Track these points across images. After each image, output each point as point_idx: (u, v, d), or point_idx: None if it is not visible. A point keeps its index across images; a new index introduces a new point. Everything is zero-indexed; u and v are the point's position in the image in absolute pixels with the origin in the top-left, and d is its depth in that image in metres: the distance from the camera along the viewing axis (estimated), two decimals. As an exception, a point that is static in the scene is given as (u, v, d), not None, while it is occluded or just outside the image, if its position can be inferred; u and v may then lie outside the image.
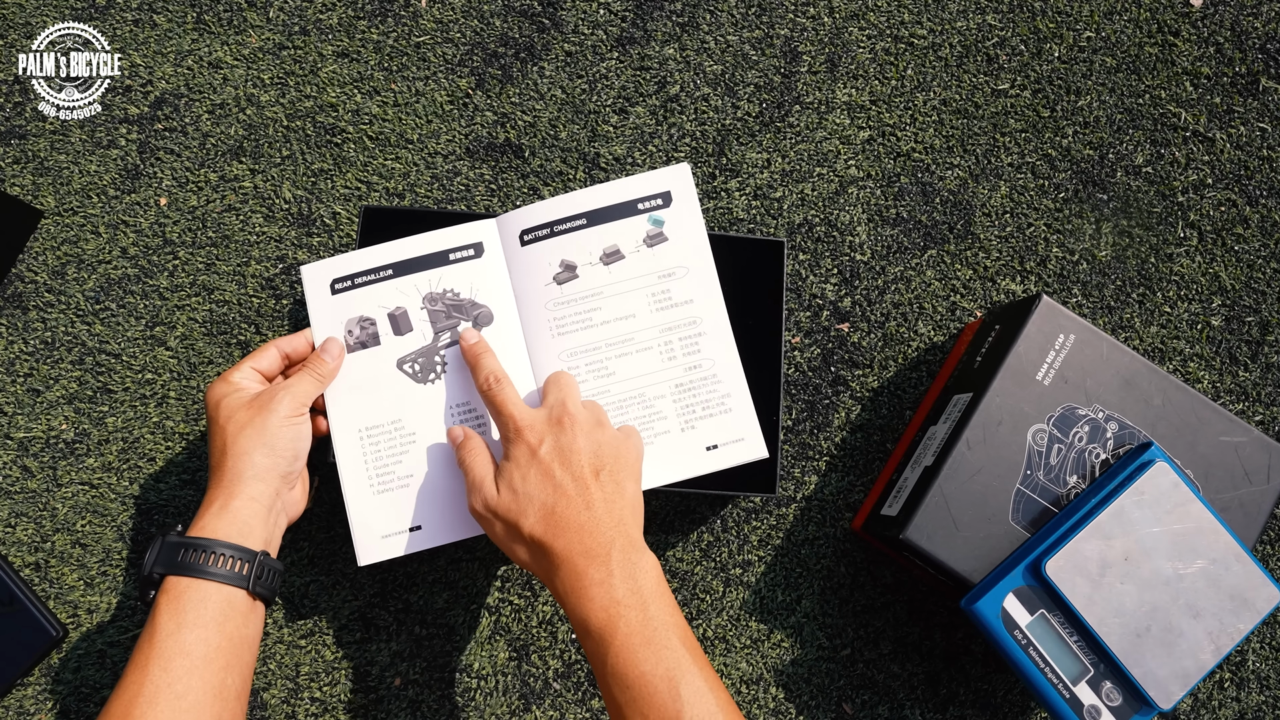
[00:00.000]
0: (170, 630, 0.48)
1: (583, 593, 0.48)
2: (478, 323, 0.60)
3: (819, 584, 0.68)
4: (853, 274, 0.72)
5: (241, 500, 0.52)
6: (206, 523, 0.51)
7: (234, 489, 0.52)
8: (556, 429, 0.52)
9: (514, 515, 0.51)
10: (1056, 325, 0.60)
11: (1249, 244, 0.74)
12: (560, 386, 0.55)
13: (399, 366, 0.59)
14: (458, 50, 0.75)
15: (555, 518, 0.50)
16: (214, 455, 0.54)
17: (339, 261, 0.60)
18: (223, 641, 0.49)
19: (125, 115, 0.73)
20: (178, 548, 0.50)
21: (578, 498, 0.50)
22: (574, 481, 0.50)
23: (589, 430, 0.52)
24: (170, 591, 0.50)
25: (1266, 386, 0.72)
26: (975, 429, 0.59)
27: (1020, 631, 0.55)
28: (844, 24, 0.76)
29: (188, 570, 0.50)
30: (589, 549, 0.49)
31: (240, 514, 0.52)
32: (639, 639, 0.47)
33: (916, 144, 0.74)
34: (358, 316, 0.60)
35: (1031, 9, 0.77)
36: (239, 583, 0.51)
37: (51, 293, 0.70)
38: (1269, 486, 0.59)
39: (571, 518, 0.50)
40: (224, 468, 0.53)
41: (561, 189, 0.73)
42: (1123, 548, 0.55)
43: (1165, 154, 0.75)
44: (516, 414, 0.53)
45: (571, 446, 0.51)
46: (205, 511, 0.52)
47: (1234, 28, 0.77)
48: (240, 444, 0.53)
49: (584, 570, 0.49)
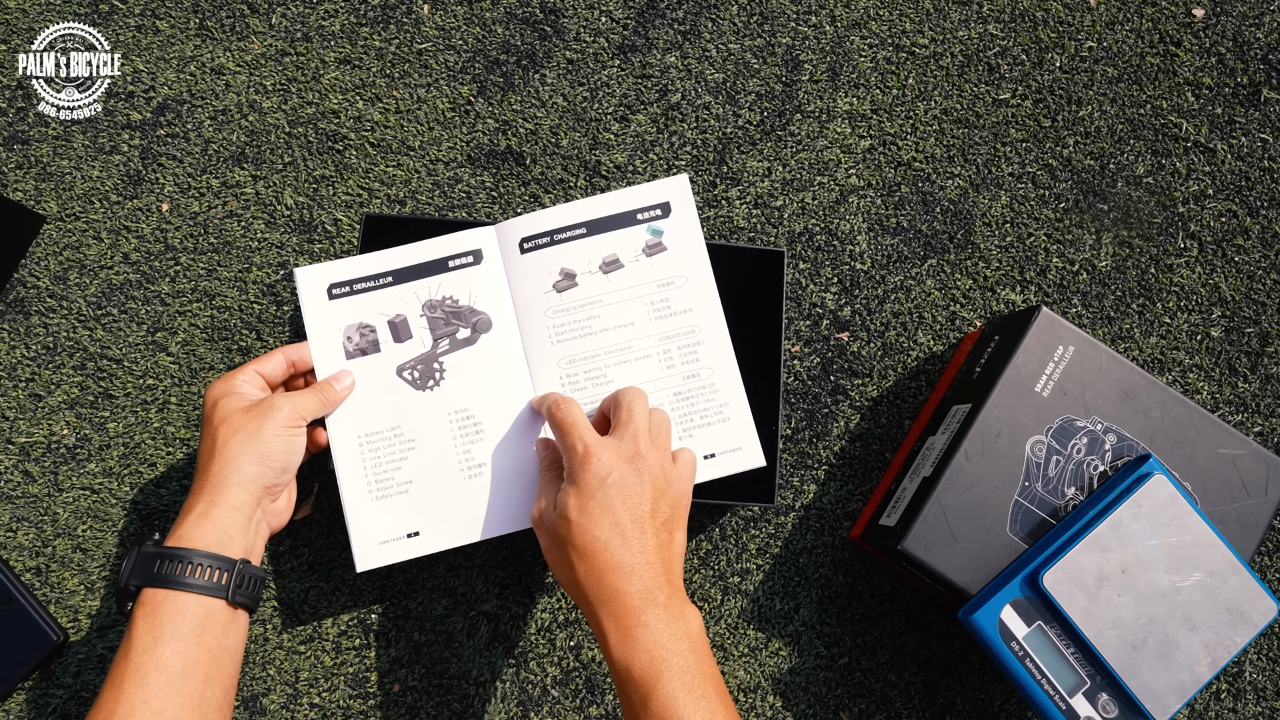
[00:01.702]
0: (146, 645, 0.48)
1: (627, 634, 0.48)
2: (476, 329, 0.60)
3: (817, 592, 0.68)
4: (853, 283, 0.73)
5: (222, 509, 0.52)
6: (185, 531, 0.51)
7: (216, 496, 0.52)
8: (627, 466, 0.51)
9: (565, 540, 0.51)
10: (1055, 337, 0.61)
11: (1249, 255, 0.74)
12: (633, 415, 0.54)
13: (398, 373, 0.60)
14: (460, 57, 0.75)
15: (607, 555, 0.49)
16: (202, 456, 0.54)
17: (336, 267, 0.60)
18: (201, 654, 0.49)
19: (128, 121, 0.73)
20: (154, 558, 0.50)
21: (634, 539, 0.50)
22: (633, 523, 0.50)
23: (656, 474, 0.52)
24: (147, 605, 0.49)
25: (1266, 398, 0.72)
26: (974, 440, 0.59)
27: (1017, 643, 0.55)
28: (846, 33, 0.76)
29: (164, 582, 0.49)
30: (637, 592, 0.49)
31: (220, 522, 0.51)
32: (680, 687, 0.47)
33: (917, 153, 0.74)
34: (357, 323, 0.60)
35: (1033, 19, 0.77)
36: (218, 593, 0.50)
37: (53, 298, 0.70)
38: (1267, 499, 0.59)
39: (623, 559, 0.49)
40: (209, 471, 0.52)
41: (562, 196, 0.73)
42: (1120, 560, 0.55)
43: (1166, 164, 0.75)
44: (587, 437, 0.52)
45: (639, 488, 0.51)
46: (184, 519, 0.52)
47: (1236, 38, 0.77)
48: (230, 449, 0.52)
49: (630, 614, 0.48)
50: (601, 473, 0.51)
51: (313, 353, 0.59)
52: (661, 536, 0.51)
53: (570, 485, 0.52)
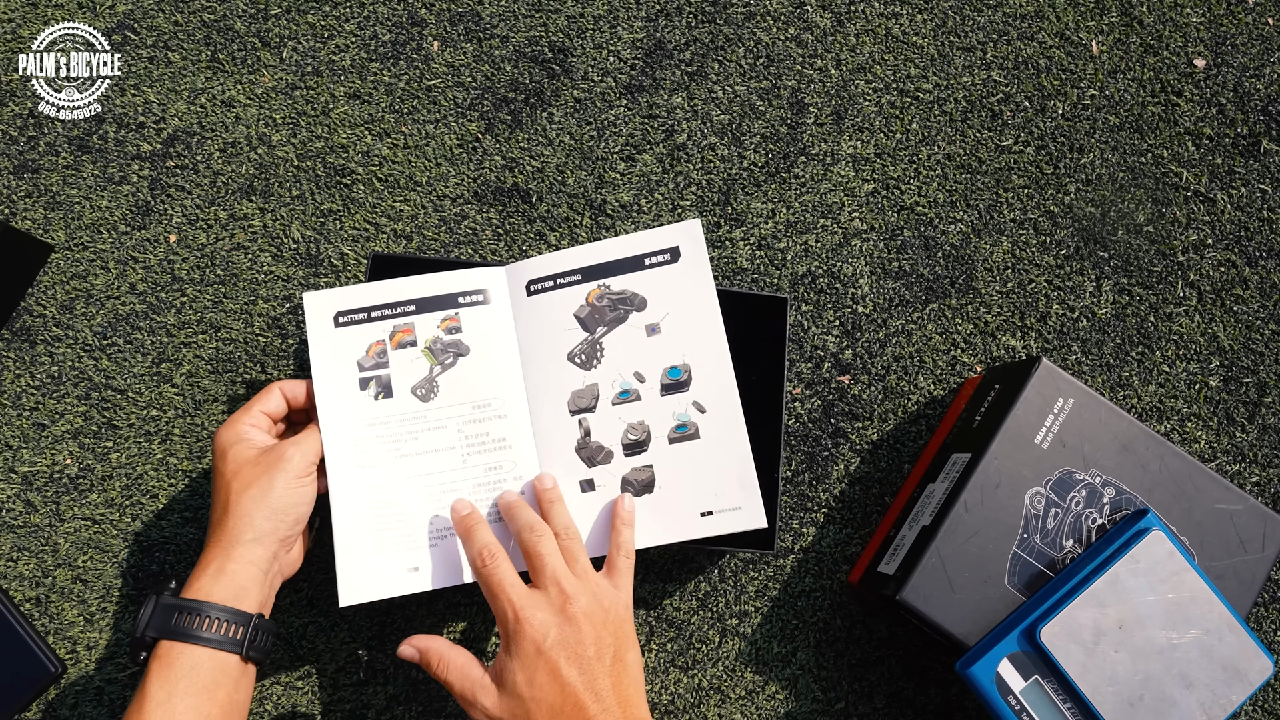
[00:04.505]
0: (160, 700, 0.48)
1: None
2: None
3: (815, 636, 0.68)
4: (854, 326, 0.73)
5: (239, 564, 0.52)
6: (202, 584, 0.51)
7: (232, 551, 0.52)
8: (561, 619, 0.50)
9: (526, 716, 0.49)
10: (1055, 389, 0.61)
11: (1248, 305, 0.74)
12: (543, 559, 0.52)
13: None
14: (468, 94, 0.75)
15: (564, 718, 0.49)
16: (215, 509, 0.54)
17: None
18: (214, 710, 0.49)
19: (137, 151, 0.73)
20: (172, 610, 0.50)
21: (586, 692, 0.49)
22: (581, 675, 0.49)
23: (589, 611, 0.51)
24: (163, 658, 0.49)
25: (1263, 448, 0.72)
26: (973, 490, 0.59)
27: (1014, 697, 0.55)
28: (851, 77, 0.77)
29: (181, 635, 0.50)
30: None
31: (237, 577, 0.52)
32: None
33: (920, 198, 0.75)
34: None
35: (1036, 66, 0.77)
36: (232, 648, 0.51)
37: (59, 327, 0.71)
38: (1264, 555, 0.60)
39: (580, 716, 0.49)
40: (224, 526, 0.53)
41: (568, 234, 0.74)
42: (1117, 616, 0.56)
43: (1166, 213, 0.76)
44: (515, 600, 0.51)
45: (578, 639, 0.50)
46: (202, 573, 0.52)
47: (1236, 89, 0.78)
48: (243, 504, 0.53)
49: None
50: (538, 638, 0.50)
51: (315, 379, 0.59)
52: (615, 673, 0.50)
53: (507, 658, 0.50)
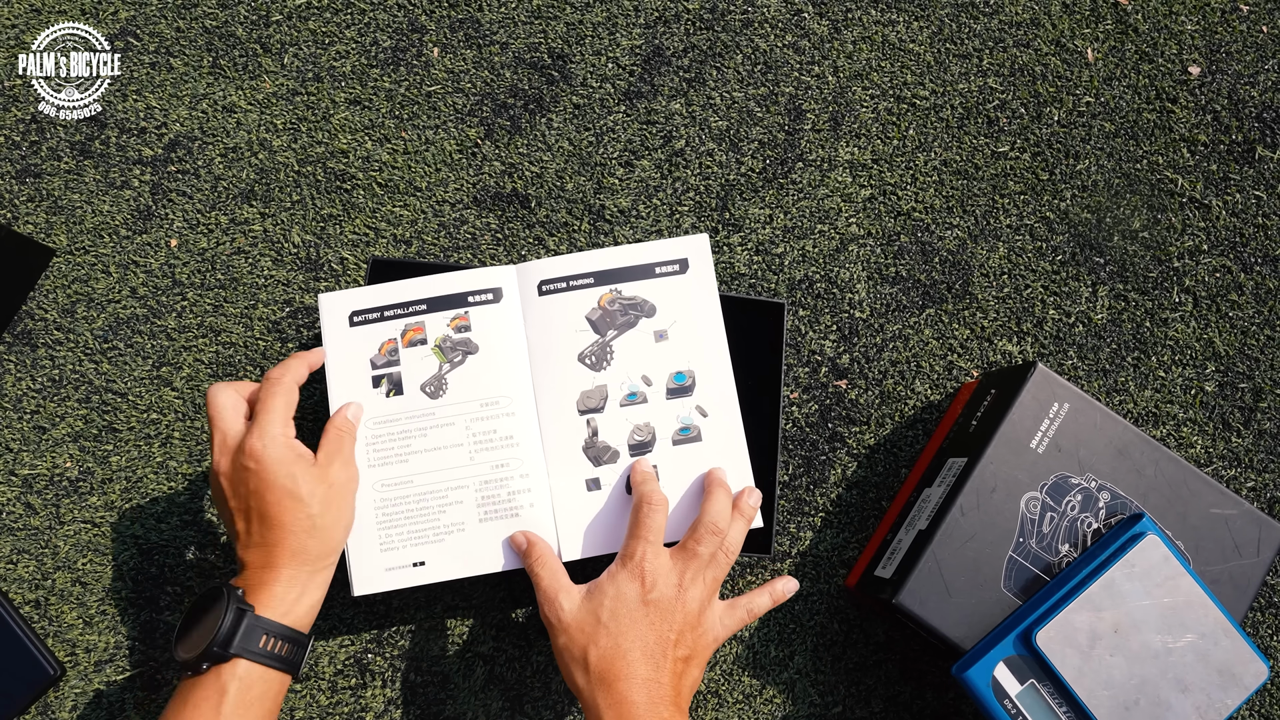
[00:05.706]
0: (206, 713, 0.49)
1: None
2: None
3: (812, 640, 0.68)
4: (851, 331, 0.73)
5: (320, 589, 0.54)
6: (288, 607, 0.52)
7: (316, 576, 0.54)
8: (675, 592, 0.53)
9: (585, 639, 0.51)
10: (1051, 394, 0.61)
11: (1243, 310, 0.75)
12: (699, 546, 0.54)
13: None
14: (468, 100, 0.76)
15: (625, 663, 0.50)
16: (282, 522, 0.53)
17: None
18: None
19: (139, 156, 0.74)
20: (258, 632, 0.50)
21: (656, 659, 0.50)
22: (658, 643, 0.51)
23: (692, 611, 0.53)
24: (225, 671, 0.50)
25: (1258, 453, 0.72)
26: (969, 495, 0.60)
27: (1010, 701, 0.55)
28: (848, 83, 0.77)
29: (259, 657, 0.50)
30: (644, 703, 0.49)
31: (316, 601, 0.54)
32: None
33: (917, 203, 0.75)
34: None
35: (1032, 73, 0.78)
36: (288, 669, 0.52)
37: (60, 330, 0.71)
38: (1259, 559, 0.60)
39: (639, 671, 0.50)
40: (306, 548, 0.53)
41: (567, 239, 0.74)
42: (1113, 620, 0.56)
43: (1162, 219, 0.76)
44: (652, 543, 0.53)
45: (670, 616, 0.52)
46: (287, 593, 0.52)
47: (1231, 96, 0.78)
48: (325, 524, 0.54)
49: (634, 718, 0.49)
50: (649, 582, 0.52)
51: (330, 379, 0.61)
52: (678, 667, 0.52)
53: (607, 580, 0.52)
